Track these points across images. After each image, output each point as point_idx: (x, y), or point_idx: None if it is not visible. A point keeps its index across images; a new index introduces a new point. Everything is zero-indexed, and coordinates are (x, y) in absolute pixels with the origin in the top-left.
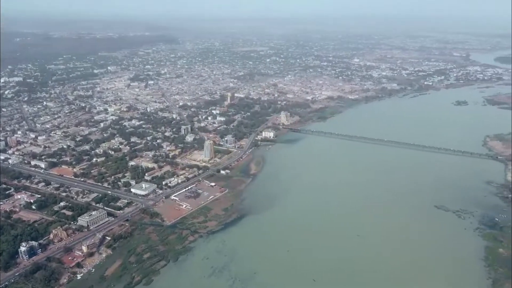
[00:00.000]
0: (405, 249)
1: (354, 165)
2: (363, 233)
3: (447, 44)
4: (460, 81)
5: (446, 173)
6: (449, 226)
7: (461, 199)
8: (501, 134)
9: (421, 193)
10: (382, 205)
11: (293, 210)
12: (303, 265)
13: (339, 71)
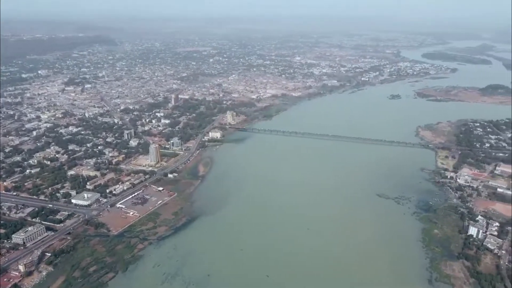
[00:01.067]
0: (351, 236)
1: (300, 160)
2: (312, 225)
3: (380, 42)
4: (393, 77)
5: (385, 162)
6: (390, 212)
7: (399, 186)
8: (430, 125)
9: (363, 183)
10: (329, 197)
11: (244, 209)
12: (256, 262)
13: (282, 70)
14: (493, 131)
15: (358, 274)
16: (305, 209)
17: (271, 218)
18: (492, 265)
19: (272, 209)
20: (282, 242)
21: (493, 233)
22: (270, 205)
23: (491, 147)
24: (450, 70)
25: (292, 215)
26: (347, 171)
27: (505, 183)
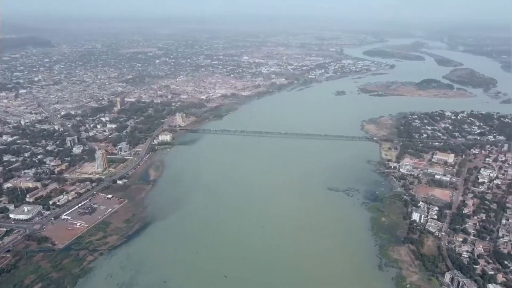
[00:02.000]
0: (305, 230)
1: (253, 159)
2: (267, 222)
3: (324, 41)
4: (338, 74)
5: (334, 157)
6: (340, 204)
7: (348, 179)
8: (374, 118)
9: (315, 177)
10: (282, 194)
11: (198, 211)
12: (213, 263)
13: (230, 69)
14: (429, 122)
15: (314, 265)
16: (259, 206)
17: (226, 218)
18: (434, 246)
19: (226, 209)
20: (238, 241)
21: (433, 217)
22: (224, 205)
23: (428, 137)
24: (389, 66)
25: (247, 214)
26: (299, 167)
27: (442, 169)
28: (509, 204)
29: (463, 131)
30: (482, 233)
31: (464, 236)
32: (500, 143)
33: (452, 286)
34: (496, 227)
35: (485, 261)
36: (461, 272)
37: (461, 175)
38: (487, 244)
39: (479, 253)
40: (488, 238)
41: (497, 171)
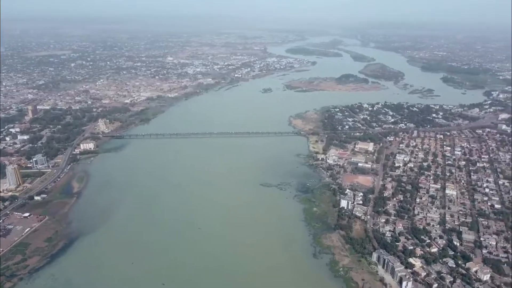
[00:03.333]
0: (241, 227)
1: (184, 161)
2: (203, 224)
3: (248, 40)
4: (263, 72)
5: (265, 153)
6: (274, 199)
7: (280, 173)
8: (300, 113)
9: (248, 175)
10: (216, 194)
11: (130, 220)
12: (150, 272)
13: (154, 71)
14: (350, 114)
15: (252, 261)
16: (194, 209)
17: (160, 224)
18: (361, 230)
19: (160, 214)
20: (175, 246)
21: (359, 202)
22: (157, 210)
23: (349, 128)
24: (311, 63)
25: (182, 217)
26: (231, 166)
27: (363, 158)
28: (422, 184)
29: (379, 121)
30: (401, 212)
31: (386, 217)
32: (410, 130)
33: (379, 264)
34: (412, 206)
35: (405, 238)
36: (385, 250)
37: (380, 161)
38: (405, 222)
39: (399, 231)
40: (406, 217)
41: (409, 155)
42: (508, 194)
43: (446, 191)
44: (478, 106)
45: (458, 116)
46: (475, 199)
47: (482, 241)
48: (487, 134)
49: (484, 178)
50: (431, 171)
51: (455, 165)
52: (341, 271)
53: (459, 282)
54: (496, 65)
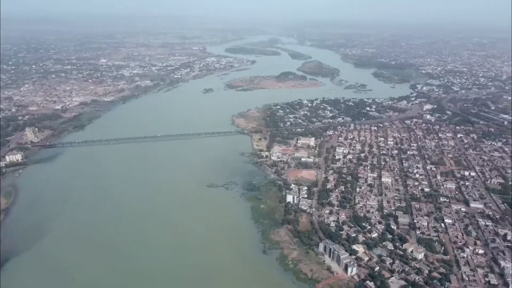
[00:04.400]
0: (190, 230)
1: (126, 167)
2: (150, 231)
3: (186, 40)
4: (203, 72)
5: (209, 153)
6: (221, 199)
7: (226, 173)
8: (242, 112)
9: (194, 177)
10: (161, 198)
11: (68, 233)
12: (93, 286)
13: (87, 74)
14: (290, 111)
15: (203, 262)
16: (137, 216)
17: (103, 235)
18: (308, 222)
19: (101, 226)
20: (120, 257)
21: (304, 196)
22: (98, 222)
23: (291, 124)
24: (250, 62)
25: (124, 226)
26: (176, 170)
27: (306, 152)
28: (360, 174)
29: (319, 116)
30: (343, 202)
31: (330, 208)
32: (348, 123)
33: (326, 253)
34: (353, 196)
35: (348, 226)
36: (331, 240)
37: (322, 155)
38: (348, 211)
39: (343, 220)
40: (348, 206)
41: (348, 148)
42: (435, 177)
43: (382, 179)
44: (406, 99)
45: (389, 108)
46: (408, 185)
47: (416, 223)
48: (414, 124)
49: (414, 164)
50: (368, 161)
51: (388, 154)
52: (291, 264)
53: (397, 263)
54: (418, 61)
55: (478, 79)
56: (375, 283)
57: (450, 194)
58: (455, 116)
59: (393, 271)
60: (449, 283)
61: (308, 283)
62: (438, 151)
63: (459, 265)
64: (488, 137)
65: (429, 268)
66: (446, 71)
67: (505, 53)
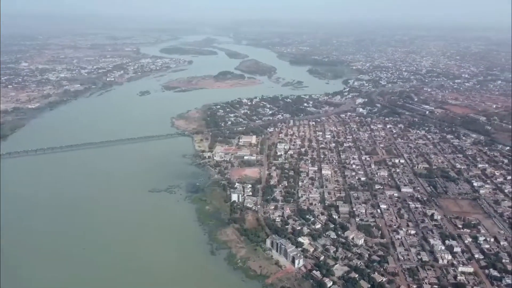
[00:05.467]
0: (135, 238)
1: (58, 180)
2: (89, 244)
3: (118, 40)
4: (138, 74)
5: (150, 157)
6: (165, 203)
7: (168, 177)
8: (182, 114)
9: (135, 184)
10: (103, 207)
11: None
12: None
13: (6, 79)
14: (231, 110)
15: (151, 271)
16: (77, 228)
17: (41, 252)
18: (254, 220)
19: (38, 241)
20: (57, 274)
21: (249, 194)
22: (35, 237)
23: (232, 123)
24: (187, 62)
25: (63, 240)
26: (116, 177)
27: (248, 151)
28: (302, 169)
29: (259, 114)
30: (287, 197)
31: (275, 204)
32: (287, 120)
33: (273, 249)
34: (296, 190)
35: (293, 220)
36: (277, 235)
37: (264, 152)
38: (292, 206)
39: (288, 215)
40: (292, 201)
41: (289, 144)
42: (370, 167)
43: (322, 171)
44: (340, 94)
45: (325, 104)
46: (346, 175)
47: (355, 211)
48: (349, 117)
49: (350, 156)
50: (308, 156)
51: (327, 147)
52: (239, 262)
53: (340, 250)
54: (349, 57)
55: (402, 74)
56: (321, 272)
57: (383, 181)
58: (384, 109)
59: (337, 259)
60: (387, 264)
61: (257, 279)
62: (371, 142)
63: (394, 246)
64: (413, 126)
65: (369, 252)
66: (374, 67)
67: (423, 49)
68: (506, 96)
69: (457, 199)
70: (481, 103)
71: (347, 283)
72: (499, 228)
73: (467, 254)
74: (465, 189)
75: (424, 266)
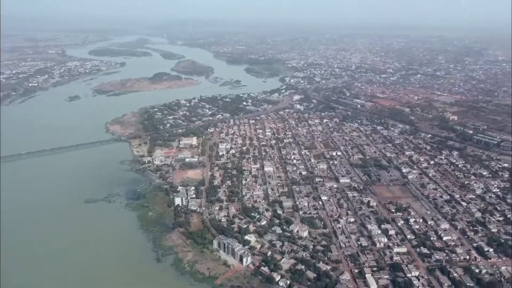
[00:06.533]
0: (75, 253)
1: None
2: (23, 262)
3: (39, 42)
4: (65, 78)
5: (86, 166)
6: (104, 214)
7: (106, 186)
8: (117, 118)
9: (69, 195)
10: (37, 223)
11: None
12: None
13: None
14: (169, 112)
15: (95, 284)
16: (7, 246)
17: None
18: (199, 222)
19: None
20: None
21: (192, 196)
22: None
23: (171, 126)
24: (120, 64)
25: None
26: (47, 189)
27: (189, 153)
28: (245, 167)
29: (198, 115)
30: (231, 197)
31: (219, 204)
32: (227, 119)
33: (221, 249)
34: (240, 188)
35: (238, 219)
36: (224, 235)
37: (205, 153)
38: (237, 205)
39: (233, 214)
40: (236, 199)
41: (230, 143)
42: (310, 161)
43: (264, 168)
44: (277, 91)
45: (264, 101)
46: (287, 171)
47: (298, 205)
48: (287, 114)
49: (291, 151)
50: (250, 154)
51: (268, 144)
52: (187, 267)
53: (286, 244)
54: (284, 56)
55: (334, 70)
56: (269, 267)
57: (323, 173)
58: (320, 104)
59: (283, 253)
60: (330, 253)
61: (206, 282)
62: (309, 137)
63: (336, 235)
64: (347, 120)
65: (313, 243)
66: (308, 64)
67: (352, 47)
68: (425, 89)
69: (389, 185)
70: (405, 96)
71: (294, 275)
72: (426, 209)
73: (400, 236)
74: (396, 176)
75: (364, 251)
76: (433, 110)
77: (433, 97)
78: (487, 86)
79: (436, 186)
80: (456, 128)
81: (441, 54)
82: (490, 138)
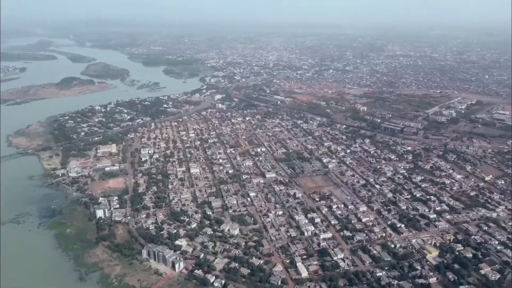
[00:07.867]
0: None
1: None
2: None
3: None
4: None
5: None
6: (13, 237)
7: (13, 206)
8: (21, 130)
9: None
10: None
11: None
12: None
13: None
14: (82, 120)
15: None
16: None
17: None
18: (125, 233)
19: None
20: None
21: (116, 207)
22: None
23: (86, 134)
24: (19, 70)
25: None
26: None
27: (109, 161)
28: (170, 171)
29: (116, 120)
30: (158, 202)
31: (146, 212)
32: (148, 123)
33: (151, 258)
34: (166, 193)
35: (167, 224)
36: (153, 243)
37: (127, 160)
38: (164, 210)
39: (161, 220)
40: (164, 205)
41: (153, 147)
42: (235, 159)
43: (191, 170)
44: (198, 92)
45: (185, 103)
46: (214, 171)
47: (227, 203)
48: (210, 114)
49: (216, 151)
50: (175, 157)
51: (192, 146)
52: (115, 282)
53: (219, 244)
54: (202, 55)
55: (253, 68)
56: (203, 269)
57: (249, 170)
58: (242, 102)
59: (216, 253)
60: (262, 247)
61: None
62: (233, 135)
63: (267, 229)
64: (269, 116)
65: (245, 240)
66: (227, 63)
67: (268, 45)
68: (338, 83)
69: (312, 176)
70: (320, 90)
71: (228, 274)
72: (346, 195)
73: (325, 223)
74: (317, 166)
75: (293, 241)
76: (345, 102)
77: (344, 90)
78: (389, 78)
79: (353, 172)
80: (366, 118)
81: (348, 50)
82: (394, 125)
